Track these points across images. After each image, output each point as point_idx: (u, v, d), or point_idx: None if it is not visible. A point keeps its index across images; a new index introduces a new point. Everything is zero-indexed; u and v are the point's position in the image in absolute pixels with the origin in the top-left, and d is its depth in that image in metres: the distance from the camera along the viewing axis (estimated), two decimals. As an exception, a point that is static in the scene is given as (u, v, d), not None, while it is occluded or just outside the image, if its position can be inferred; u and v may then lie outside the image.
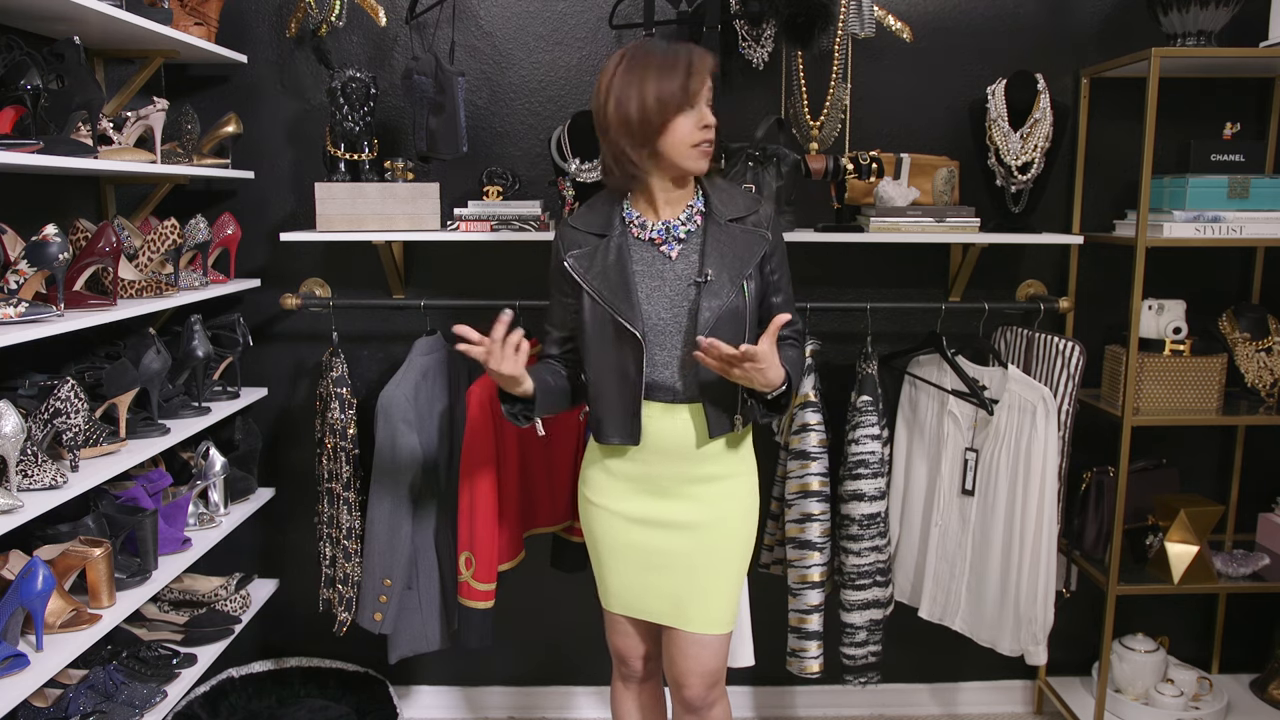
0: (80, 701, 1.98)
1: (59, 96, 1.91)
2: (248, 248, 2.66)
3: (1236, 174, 2.44)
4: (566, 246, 1.89)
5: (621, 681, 2.14)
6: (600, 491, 1.98)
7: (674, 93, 1.74)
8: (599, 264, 1.85)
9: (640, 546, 1.95)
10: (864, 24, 2.42)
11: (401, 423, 2.37)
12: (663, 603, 1.95)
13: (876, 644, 2.48)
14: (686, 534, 1.92)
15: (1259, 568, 2.58)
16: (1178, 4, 2.34)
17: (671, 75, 1.74)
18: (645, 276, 1.85)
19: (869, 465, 2.39)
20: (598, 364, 1.87)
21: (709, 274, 1.82)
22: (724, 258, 1.83)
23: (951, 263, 2.70)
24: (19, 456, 1.79)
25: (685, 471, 1.91)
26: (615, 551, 1.97)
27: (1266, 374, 2.59)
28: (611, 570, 2.00)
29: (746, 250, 1.85)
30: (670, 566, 1.93)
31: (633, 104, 1.75)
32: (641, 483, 1.93)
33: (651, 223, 1.87)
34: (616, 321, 1.82)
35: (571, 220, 1.93)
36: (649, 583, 1.96)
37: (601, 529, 1.99)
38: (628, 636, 2.05)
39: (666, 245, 1.86)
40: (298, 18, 2.52)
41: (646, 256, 1.86)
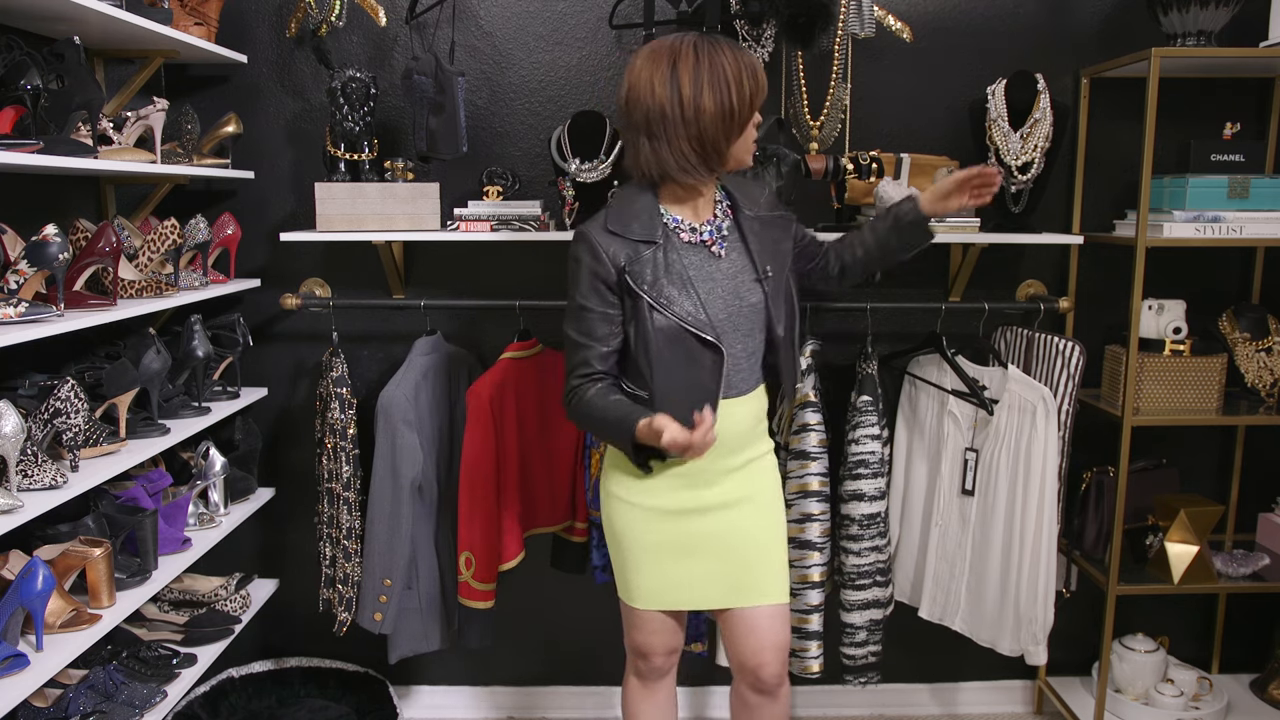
0: (80, 701, 1.98)
1: (59, 96, 1.91)
2: (248, 248, 2.66)
3: (1236, 174, 2.44)
4: (611, 255, 1.80)
5: (640, 679, 2.10)
6: (634, 489, 1.93)
7: (759, 91, 1.78)
8: (658, 273, 1.81)
9: (685, 539, 1.93)
10: (864, 24, 2.42)
11: (401, 423, 2.37)
12: (713, 587, 1.95)
13: (876, 644, 2.48)
14: (727, 512, 1.93)
15: (1259, 568, 2.58)
16: (1178, 4, 2.34)
17: (741, 91, 1.75)
18: (699, 280, 1.84)
19: (869, 465, 2.39)
20: (665, 375, 1.81)
21: (768, 269, 1.88)
22: (768, 250, 1.90)
23: (951, 263, 2.70)
24: (19, 456, 1.79)
25: (729, 460, 1.92)
26: (651, 547, 1.94)
27: (1266, 374, 2.59)
28: (646, 567, 1.95)
29: (783, 235, 1.94)
30: (723, 549, 1.93)
31: (731, 97, 1.74)
32: (685, 477, 1.91)
33: (698, 225, 1.87)
34: (690, 333, 1.79)
35: (609, 225, 1.82)
36: (693, 571, 1.94)
37: (635, 526, 1.94)
38: (657, 633, 2.01)
39: (717, 245, 1.87)
40: (298, 18, 2.52)
41: (696, 259, 1.85)
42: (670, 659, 2.07)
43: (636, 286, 1.79)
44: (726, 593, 1.96)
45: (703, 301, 1.82)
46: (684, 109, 1.73)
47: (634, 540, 1.96)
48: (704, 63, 1.74)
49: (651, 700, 2.12)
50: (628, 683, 2.14)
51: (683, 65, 1.74)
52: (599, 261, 1.81)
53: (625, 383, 1.88)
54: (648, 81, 1.75)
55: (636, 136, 1.80)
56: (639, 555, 1.96)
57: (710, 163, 1.79)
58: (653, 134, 1.77)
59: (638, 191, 1.87)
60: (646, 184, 1.87)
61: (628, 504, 1.95)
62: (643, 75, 1.76)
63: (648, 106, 1.75)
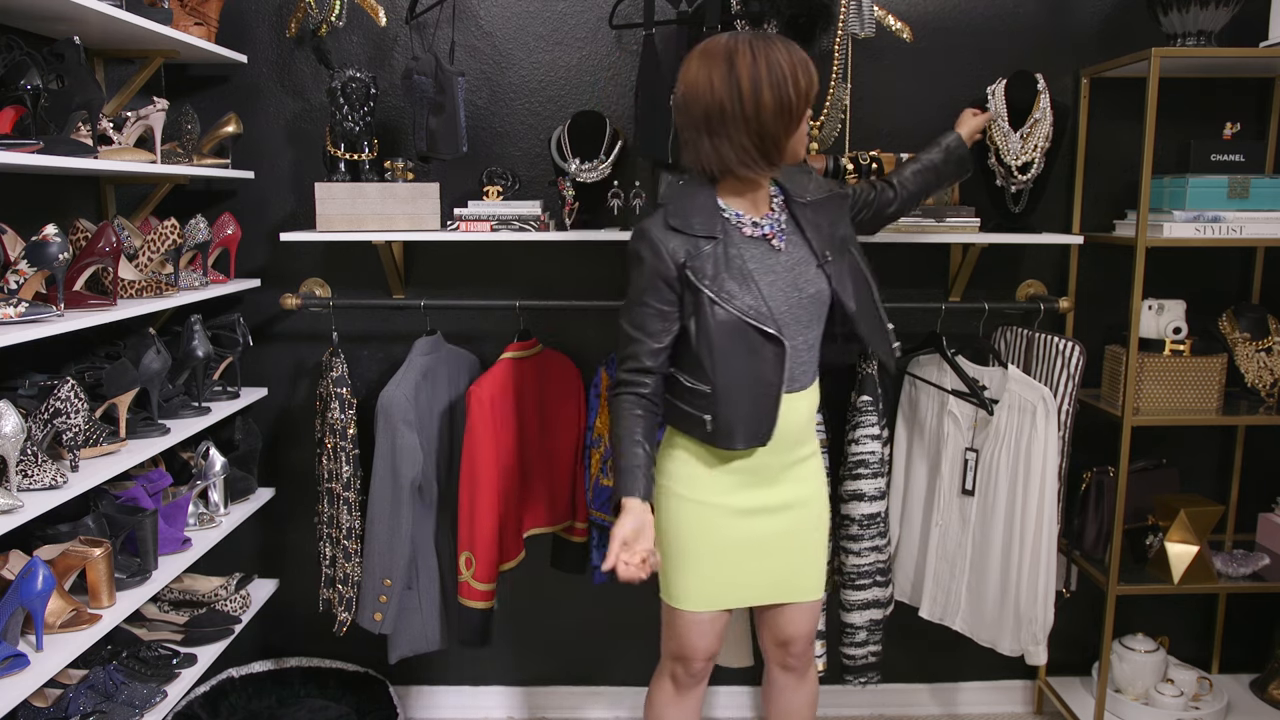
0: (80, 701, 1.98)
1: (59, 96, 1.91)
2: (248, 248, 2.66)
3: (1236, 174, 2.44)
4: (671, 251, 1.80)
5: (675, 686, 2.07)
6: (699, 486, 1.92)
7: (812, 86, 1.80)
8: (719, 268, 1.81)
9: (746, 537, 1.93)
10: (864, 24, 2.42)
11: (401, 423, 2.37)
12: (765, 584, 1.98)
13: (877, 644, 2.48)
14: (787, 513, 1.96)
15: (1259, 568, 2.58)
16: (1178, 4, 2.34)
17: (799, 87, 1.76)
18: (760, 273, 1.84)
19: (869, 465, 2.39)
20: (727, 371, 1.82)
21: (828, 255, 1.90)
22: (824, 235, 1.92)
23: (951, 263, 2.70)
24: (19, 456, 1.79)
25: (790, 455, 1.94)
26: (714, 546, 1.93)
27: (1266, 374, 2.59)
28: (707, 565, 1.94)
29: (838, 215, 1.97)
30: (774, 549, 1.96)
31: (789, 91, 1.75)
32: (752, 474, 1.92)
33: (759, 219, 1.88)
34: (754, 328, 1.80)
35: (670, 220, 1.83)
36: (750, 569, 1.96)
37: (699, 525, 1.93)
38: (705, 636, 2.00)
39: (777, 239, 1.88)
40: (298, 18, 2.52)
41: (756, 253, 1.86)
42: (709, 664, 2.06)
43: (698, 281, 1.80)
44: (773, 590, 2.00)
45: (764, 295, 1.83)
46: (744, 105, 1.74)
47: (695, 539, 1.94)
48: (760, 59, 1.74)
49: (682, 708, 2.08)
50: (660, 689, 2.09)
51: (740, 62, 1.74)
52: (659, 258, 1.81)
53: (682, 377, 1.87)
54: (706, 79, 1.76)
55: (696, 134, 1.81)
56: (698, 555, 1.94)
57: (770, 157, 1.81)
58: (713, 130, 1.78)
59: (696, 188, 1.88)
60: (705, 180, 1.88)
61: (692, 502, 1.93)
62: (700, 73, 1.77)
63: (707, 103, 1.76)
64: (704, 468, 1.92)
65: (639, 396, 1.85)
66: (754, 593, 2.00)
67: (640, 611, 2.82)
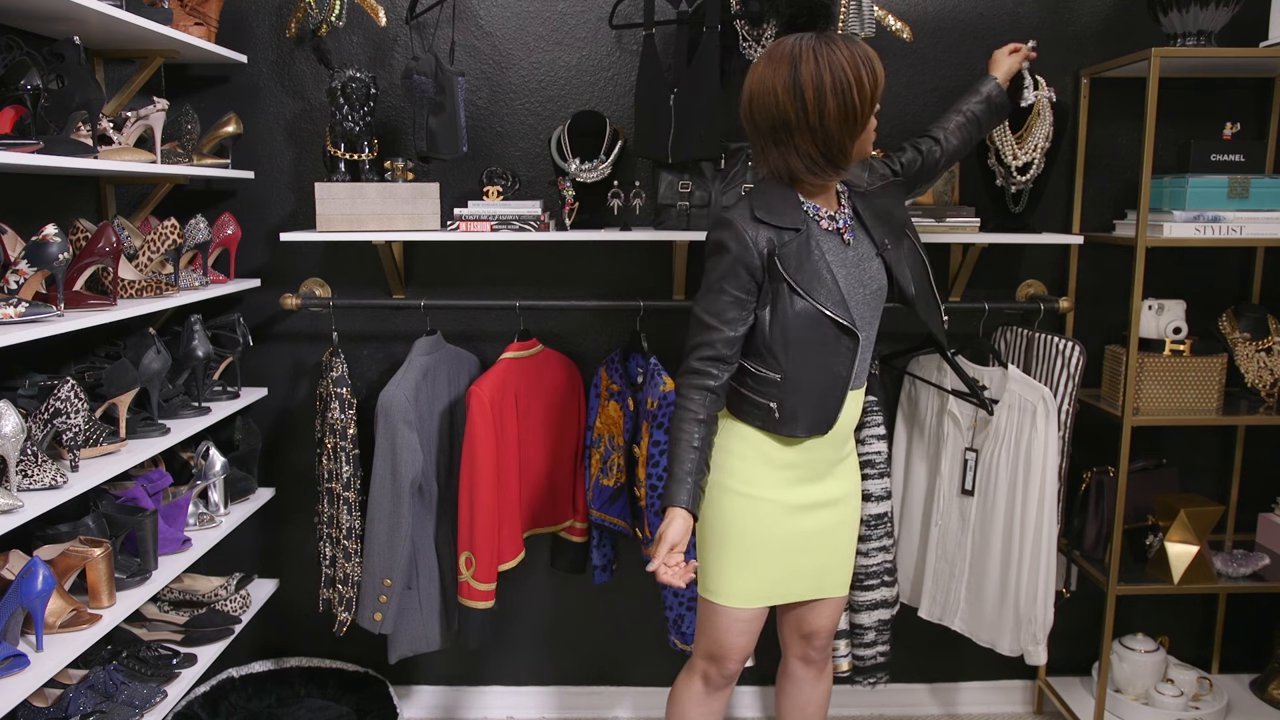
0: (80, 701, 1.98)
1: (59, 96, 1.91)
2: (248, 248, 2.66)
3: (1236, 174, 2.44)
4: (757, 241, 1.81)
5: (706, 686, 2.05)
6: (756, 482, 1.92)
7: (879, 85, 1.80)
8: (803, 260, 1.83)
9: (796, 533, 1.95)
10: (864, 24, 2.42)
11: (401, 423, 2.37)
12: (807, 580, 2.00)
13: (885, 644, 2.48)
14: (832, 510, 1.99)
15: (1259, 568, 2.58)
16: (1178, 4, 2.34)
17: (875, 70, 1.78)
18: (837, 266, 1.87)
19: (875, 465, 2.40)
20: (799, 361, 1.84)
21: (887, 243, 1.92)
22: (883, 224, 1.94)
23: (951, 263, 2.70)
24: (19, 456, 1.79)
25: (840, 452, 1.98)
26: (765, 542, 1.94)
27: (1266, 374, 2.59)
28: (755, 562, 1.94)
29: (894, 202, 2.00)
30: (817, 545, 1.99)
31: (854, 97, 1.75)
32: (805, 469, 1.94)
33: (834, 213, 1.90)
34: (831, 320, 1.82)
35: (756, 213, 1.83)
36: (795, 565, 1.97)
37: (753, 520, 1.93)
38: (744, 634, 2.00)
39: (849, 233, 1.91)
40: (298, 18, 2.52)
41: (832, 246, 1.88)
42: (741, 667, 2.06)
43: (784, 270, 1.81)
44: (813, 586, 2.02)
45: (841, 288, 1.85)
46: (809, 115, 1.75)
47: (748, 535, 1.94)
48: (824, 65, 1.74)
49: (709, 710, 2.07)
50: (688, 689, 2.07)
51: (804, 70, 1.74)
52: (745, 248, 1.81)
53: (749, 364, 1.87)
54: (771, 88, 1.76)
55: (763, 141, 1.83)
56: (749, 550, 1.94)
57: (837, 162, 1.81)
58: (779, 140, 1.79)
59: (775, 184, 1.88)
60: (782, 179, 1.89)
61: (748, 497, 1.93)
62: (765, 81, 1.77)
63: (773, 114, 1.77)
64: (760, 464, 1.92)
65: (706, 391, 1.84)
66: (794, 589, 2.01)
67: (640, 611, 2.82)
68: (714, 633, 2.00)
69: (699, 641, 2.05)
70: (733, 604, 1.97)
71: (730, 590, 1.96)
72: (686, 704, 2.08)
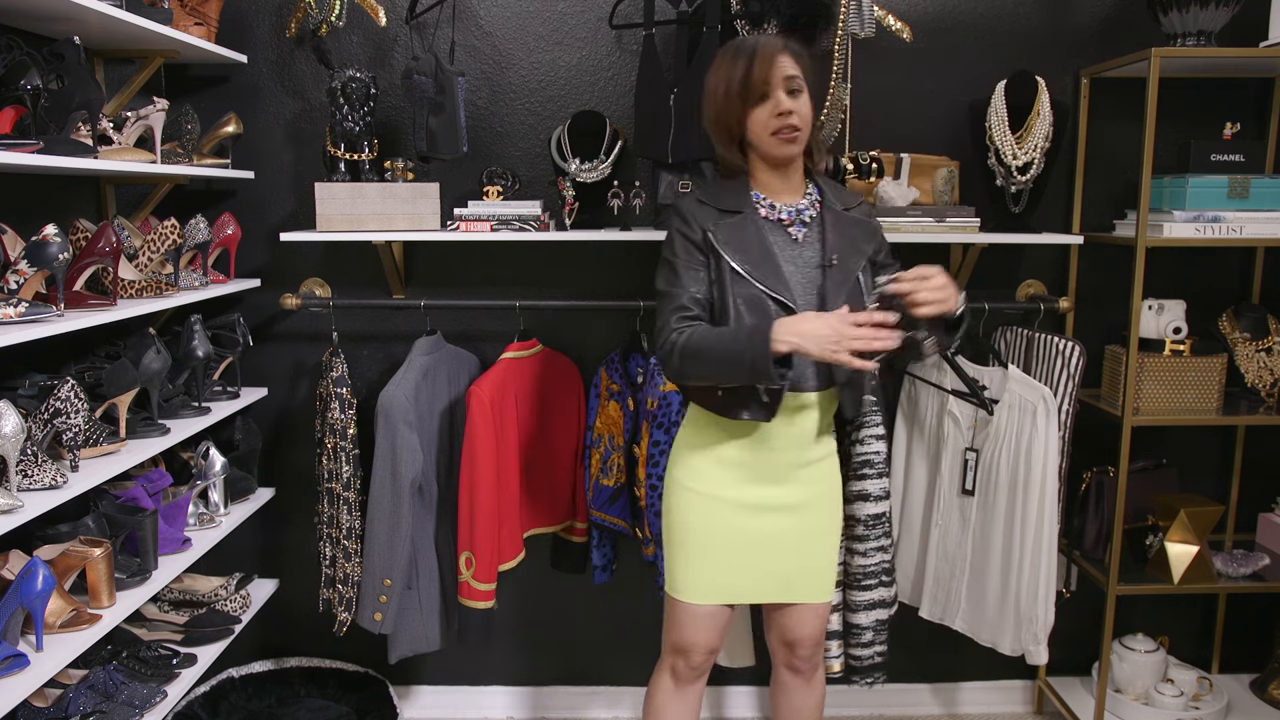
0: (80, 701, 1.98)
1: (59, 96, 1.91)
2: (248, 248, 2.66)
3: (1236, 174, 2.44)
4: (699, 219, 1.87)
5: (674, 680, 2.08)
6: (707, 479, 1.95)
7: (741, 90, 1.83)
8: (739, 238, 1.86)
9: (751, 532, 1.95)
10: (864, 24, 2.42)
11: (401, 423, 2.37)
12: (769, 582, 1.99)
13: (883, 644, 2.48)
14: (794, 514, 1.96)
15: (1259, 568, 2.58)
16: (1178, 4, 2.34)
17: (735, 71, 1.83)
18: (782, 258, 1.87)
19: (874, 465, 2.39)
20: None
21: (834, 258, 1.88)
22: (844, 244, 1.90)
23: (951, 263, 2.70)
24: (19, 456, 1.79)
25: (798, 457, 1.94)
26: (718, 539, 1.95)
27: (1266, 374, 2.59)
28: (710, 558, 1.96)
29: (863, 238, 1.94)
30: (783, 549, 1.97)
31: (719, 100, 1.87)
32: (755, 469, 1.93)
33: (779, 204, 1.91)
34: (768, 297, 1.82)
35: (697, 195, 1.93)
36: (755, 566, 1.97)
37: (701, 517, 1.95)
38: (706, 630, 2.01)
39: (795, 227, 1.90)
40: (298, 18, 2.52)
41: (779, 239, 1.89)
42: (710, 659, 2.07)
43: (719, 246, 1.84)
44: (780, 589, 2.01)
45: (783, 276, 1.85)
46: (711, 94, 1.89)
47: (698, 531, 1.96)
48: (727, 49, 1.87)
49: (682, 702, 2.09)
50: (659, 683, 2.11)
51: (719, 58, 1.89)
52: (688, 225, 1.89)
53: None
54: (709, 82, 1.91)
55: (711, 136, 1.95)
56: (708, 546, 1.96)
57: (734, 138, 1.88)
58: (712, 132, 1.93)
59: (729, 177, 1.96)
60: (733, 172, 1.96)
61: (697, 494, 1.96)
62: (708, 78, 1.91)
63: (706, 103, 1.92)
64: (712, 462, 1.94)
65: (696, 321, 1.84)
66: (760, 590, 2.01)
67: (640, 612, 2.82)
68: (676, 627, 2.04)
69: (665, 635, 2.08)
70: (689, 599, 1.99)
71: (686, 586, 1.99)
72: (658, 697, 2.11)
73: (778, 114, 1.82)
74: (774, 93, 1.82)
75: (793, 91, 1.84)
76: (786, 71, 1.83)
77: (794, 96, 1.84)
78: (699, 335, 1.80)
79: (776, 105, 1.82)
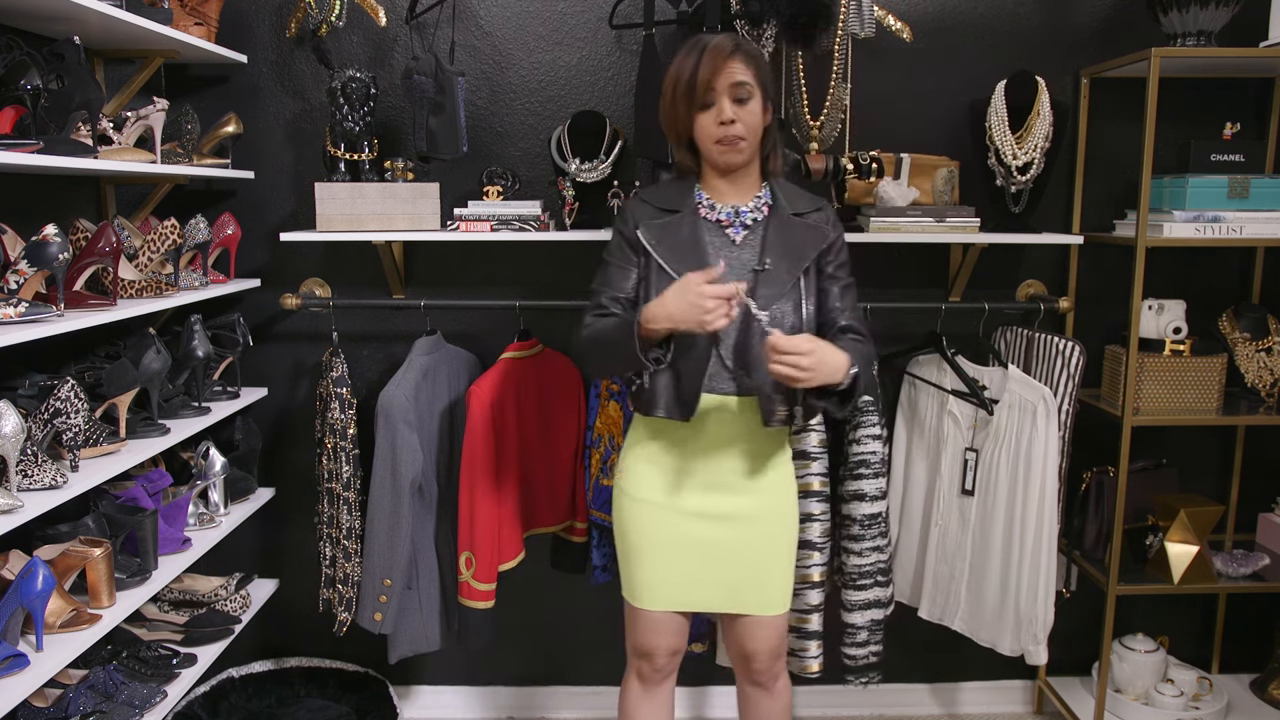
0: (80, 701, 1.98)
1: (59, 96, 1.91)
2: (248, 248, 2.66)
3: (1236, 174, 2.44)
4: (637, 218, 1.90)
5: (641, 682, 2.09)
6: (646, 486, 1.95)
7: (686, 94, 1.82)
8: (672, 237, 1.87)
9: (694, 540, 1.94)
10: (864, 24, 2.42)
11: (401, 423, 2.37)
12: (718, 592, 1.97)
13: (878, 644, 2.48)
14: (741, 525, 1.94)
15: (1259, 568, 2.58)
16: (1178, 4, 2.34)
17: (684, 72, 1.82)
18: (716, 259, 1.86)
19: (870, 465, 2.39)
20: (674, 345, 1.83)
21: (767, 262, 1.85)
22: (784, 249, 1.87)
23: (951, 263, 2.70)
24: (19, 456, 1.79)
25: (736, 464, 1.92)
26: (662, 546, 1.95)
27: (1266, 374, 2.59)
28: (655, 565, 1.96)
29: (807, 244, 1.89)
30: (729, 558, 1.95)
31: (667, 101, 1.86)
32: (692, 475, 1.92)
33: (720, 205, 1.90)
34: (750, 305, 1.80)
35: (642, 194, 1.96)
36: (703, 575, 1.95)
37: (646, 524, 1.95)
38: (662, 634, 2.01)
39: (733, 229, 1.89)
40: (298, 18, 2.52)
41: (715, 240, 1.89)
42: (673, 660, 2.07)
43: (648, 244, 1.85)
44: (730, 599, 1.98)
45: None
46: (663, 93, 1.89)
47: (644, 538, 1.96)
48: (684, 46, 1.86)
49: (651, 704, 2.10)
50: (628, 685, 2.12)
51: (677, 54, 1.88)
52: (625, 223, 1.92)
53: None
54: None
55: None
56: (648, 553, 1.96)
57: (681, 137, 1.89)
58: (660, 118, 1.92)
59: (683, 176, 1.97)
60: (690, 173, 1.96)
61: (642, 502, 1.95)
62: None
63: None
64: (654, 469, 1.94)
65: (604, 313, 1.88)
66: (710, 600, 1.99)
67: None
68: (634, 632, 2.05)
69: (626, 639, 2.09)
70: (641, 605, 2.00)
71: (635, 592, 2.00)
72: (627, 699, 2.12)
73: (720, 123, 1.80)
74: (719, 100, 1.80)
75: (740, 99, 1.80)
76: (735, 78, 1.79)
77: (741, 104, 1.80)
78: (595, 327, 1.85)
79: (719, 113, 1.80)
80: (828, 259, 1.92)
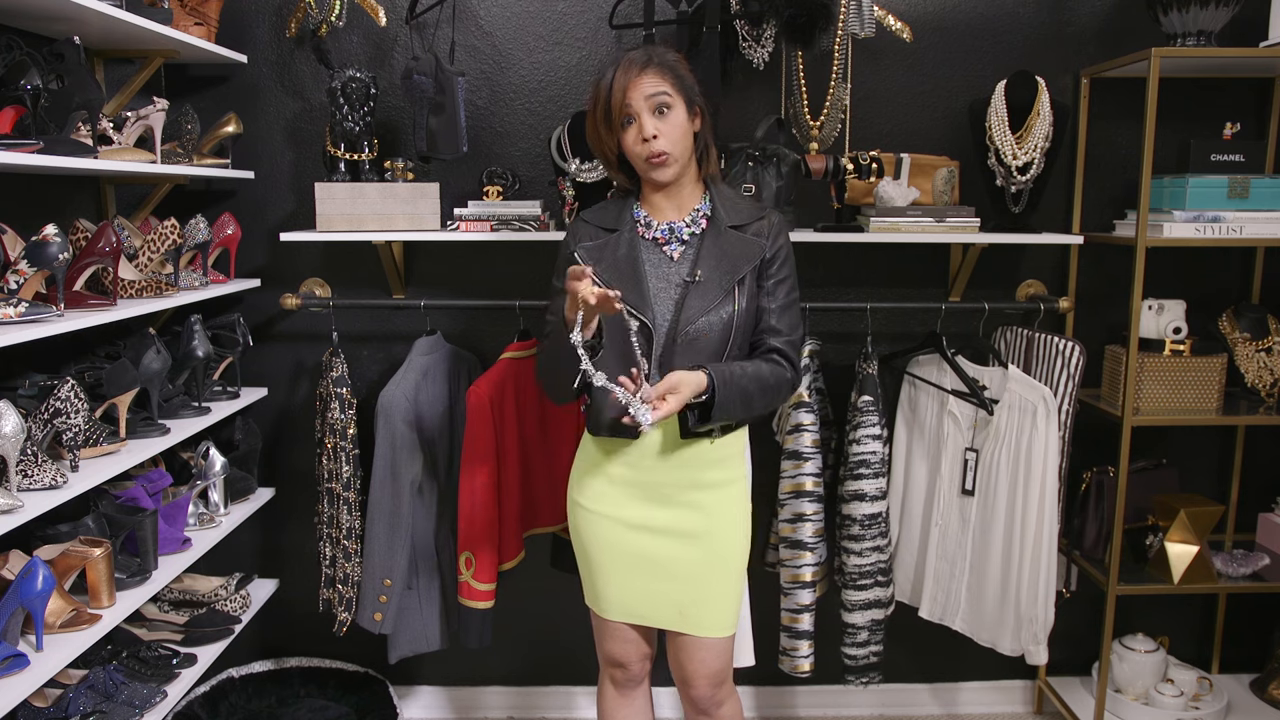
0: (80, 701, 1.98)
1: (59, 96, 1.91)
2: (248, 248, 2.66)
3: (1236, 174, 2.44)
4: (578, 238, 1.92)
5: (615, 687, 2.09)
6: (596, 498, 1.95)
7: (605, 116, 1.83)
8: (609, 256, 1.87)
9: (642, 553, 1.93)
10: (864, 24, 2.42)
11: (402, 423, 2.37)
12: (666, 609, 1.95)
13: (878, 644, 2.48)
14: (688, 542, 1.92)
15: (1259, 568, 2.58)
16: (1178, 4, 2.34)
17: (599, 96, 1.83)
18: (650, 277, 1.86)
19: (870, 465, 2.39)
20: (605, 353, 1.84)
21: (699, 274, 1.84)
22: (717, 261, 1.85)
23: (951, 263, 2.70)
24: (19, 456, 1.79)
25: (684, 478, 1.91)
26: (614, 558, 1.95)
27: (1266, 374, 2.59)
28: (610, 576, 1.96)
29: (741, 256, 1.85)
30: (673, 575, 1.93)
31: (590, 129, 1.89)
32: (641, 489, 1.92)
33: (656, 222, 1.89)
34: (627, 313, 1.78)
35: (585, 214, 1.96)
36: (651, 589, 1.94)
37: (598, 535, 1.96)
38: (627, 642, 2.02)
39: (669, 245, 1.88)
40: (298, 18, 2.52)
41: (653, 257, 1.88)
42: (644, 665, 2.07)
43: (582, 263, 1.83)
44: (673, 618, 1.96)
45: (648, 293, 1.83)
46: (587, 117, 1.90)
47: (597, 548, 1.96)
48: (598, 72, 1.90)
49: (630, 707, 2.09)
50: (604, 692, 2.11)
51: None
52: (566, 244, 1.94)
53: None
54: None
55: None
56: (605, 564, 1.96)
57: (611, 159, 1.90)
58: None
59: (625, 194, 1.97)
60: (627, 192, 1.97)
61: (591, 512, 1.96)
62: None
63: None
64: (601, 480, 1.94)
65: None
66: (657, 616, 1.97)
67: (640, 611, 2.82)
68: (601, 639, 2.05)
69: (596, 645, 2.09)
70: (608, 616, 2.00)
71: (602, 602, 2.00)
72: (603, 704, 2.12)
73: (643, 140, 1.79)
74: (638, 117, 1.79)
75: (660, 110, 1.78)
76: (648, 91, 1.78)
77: (661, 115, 1.79)
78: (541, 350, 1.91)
79: (640, 130, 1.79)
80: (768, 272, 1.88)
